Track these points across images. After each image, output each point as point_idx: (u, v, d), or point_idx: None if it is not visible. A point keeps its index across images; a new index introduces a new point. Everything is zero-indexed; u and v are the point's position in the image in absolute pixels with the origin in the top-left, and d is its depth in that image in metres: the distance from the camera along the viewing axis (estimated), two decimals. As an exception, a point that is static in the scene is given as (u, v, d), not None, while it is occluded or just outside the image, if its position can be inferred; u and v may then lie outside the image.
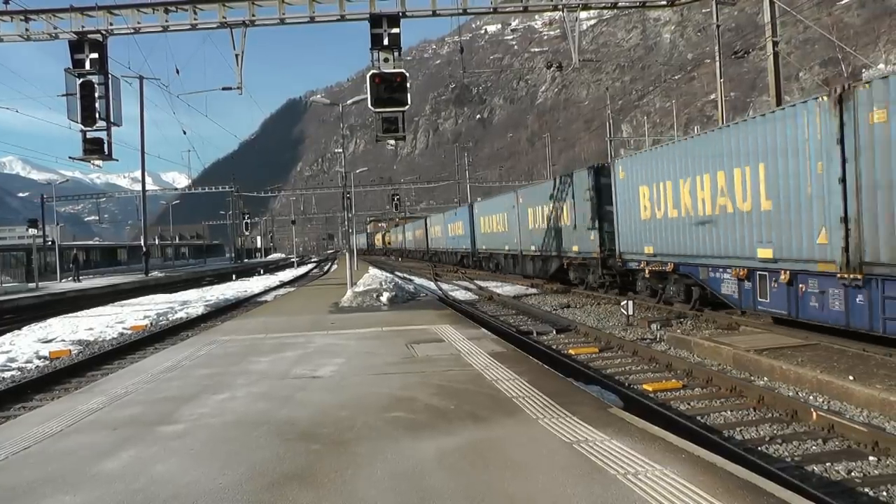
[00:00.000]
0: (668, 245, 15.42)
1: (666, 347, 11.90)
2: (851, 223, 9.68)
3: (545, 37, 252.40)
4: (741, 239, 12.60)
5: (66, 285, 35.78)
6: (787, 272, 11.21)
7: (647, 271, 16.72)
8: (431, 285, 29.37)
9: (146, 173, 44.69)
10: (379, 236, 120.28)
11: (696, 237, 14.23)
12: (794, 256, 11.02)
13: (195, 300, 25.13)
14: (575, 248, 21.63)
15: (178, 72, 21.81)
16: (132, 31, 15.72)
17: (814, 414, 7.08)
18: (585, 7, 16.44)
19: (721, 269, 13.52)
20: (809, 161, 10.47)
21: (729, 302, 13.60)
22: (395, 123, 14.57)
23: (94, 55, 14.71)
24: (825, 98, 10.07)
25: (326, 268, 57.72)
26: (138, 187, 48.99)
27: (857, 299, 9.77)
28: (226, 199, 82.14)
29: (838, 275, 9.92)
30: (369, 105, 14.38)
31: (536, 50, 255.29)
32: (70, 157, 15.77)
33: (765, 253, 11.78)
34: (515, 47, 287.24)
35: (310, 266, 66.28)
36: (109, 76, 15.00)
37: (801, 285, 11.02)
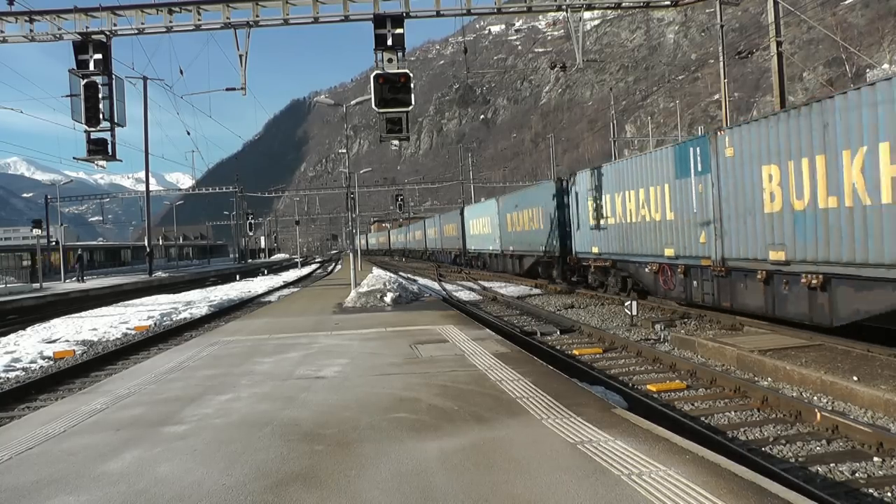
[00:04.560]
0: None
1: (670, 348, 11.87)
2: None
3: (549, 37, 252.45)
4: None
5: (69, 286, 35.85)
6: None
7: None
8: (435, 286, 29.37)
9: (150, 174, 44.73)
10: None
11: None
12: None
13: (199, 301, 25.16)
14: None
15: (181, 73, 21.88)
16: (136, 31, 15.73)
17: (818, 415, 7.06)
18: (589, 7, 16.40)
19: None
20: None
21: None
22: (399, 124, 14.53)
23: (98, 56, 14.70)
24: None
25: (330, 268, 57.77)
26: (142, 188, 49.03)
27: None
28: (229, 199, 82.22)
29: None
30: (373, 106, 14.34)
31: (540, 50, 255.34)
32: (74, 158, 15.78)
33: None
34: (519, 48, 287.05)
35: (313, 267, 66.33)
36: (113, 77, 15.00)
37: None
